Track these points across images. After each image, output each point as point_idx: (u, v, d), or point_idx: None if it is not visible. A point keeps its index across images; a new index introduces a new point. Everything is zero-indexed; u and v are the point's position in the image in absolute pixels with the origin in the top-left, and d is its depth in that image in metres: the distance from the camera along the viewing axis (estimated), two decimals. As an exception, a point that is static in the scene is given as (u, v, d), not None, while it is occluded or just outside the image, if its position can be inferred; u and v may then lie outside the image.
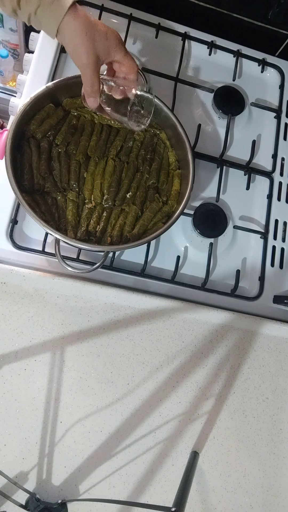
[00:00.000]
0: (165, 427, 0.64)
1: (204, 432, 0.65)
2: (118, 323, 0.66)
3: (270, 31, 0.89)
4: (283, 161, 0.83)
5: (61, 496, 0.58)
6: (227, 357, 0.69)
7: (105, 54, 0.55)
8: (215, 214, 0.73)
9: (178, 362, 0.67)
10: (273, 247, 0.77)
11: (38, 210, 0.61)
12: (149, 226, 0.66)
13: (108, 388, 0.63)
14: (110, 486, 0.60)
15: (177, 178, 0.69)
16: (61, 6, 0.50)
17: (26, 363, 0.62)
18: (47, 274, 0.65)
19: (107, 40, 0.54)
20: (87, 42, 0.52)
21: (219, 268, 0.75)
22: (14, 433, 0.59)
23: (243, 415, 0.67)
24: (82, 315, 0.66)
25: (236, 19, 0.88)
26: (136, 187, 0.67)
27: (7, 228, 0.67)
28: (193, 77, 0.83)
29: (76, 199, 0.65)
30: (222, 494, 0.64)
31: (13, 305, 0.64)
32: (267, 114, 0.85)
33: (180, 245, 0.74)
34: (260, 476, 0.66)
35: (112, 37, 0.54)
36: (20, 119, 0.62)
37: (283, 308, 0.75)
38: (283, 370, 0.71)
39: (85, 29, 0.52)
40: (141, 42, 0.82)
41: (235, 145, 0.82)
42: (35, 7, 0.50)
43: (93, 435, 0.61)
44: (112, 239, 0.64)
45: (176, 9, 0.85)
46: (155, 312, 0.68)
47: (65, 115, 0.68)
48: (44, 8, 0.50)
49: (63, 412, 0.61)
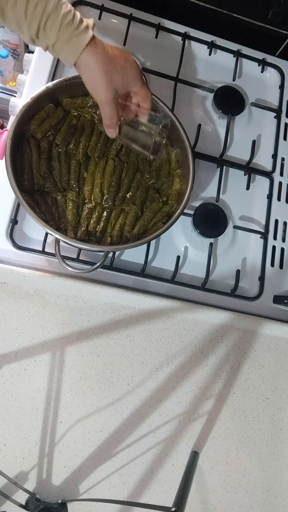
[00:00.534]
0: (165, 427, 0.64)
1: (204, 432, 0.65)
2: (118, 323, 0.66)
3: (270, 31, 0.89)
4: (283, 161, 0.83)
5: (61, 496, 0.58)
6: (227, 357, 0.69)
7: (123, 88, 0.55)
8: (215, 214, 0.73)
9: (178, 362, 0.67)
10: (273, 247, 0.77)
11: (38, 210, 0.61)
12: (149, 226, 0.66)
13: (108, 388, 0.63)
14: (110, 486, 0.60)
15: (177, 178, 0.69)
16: (79, 43, 0.50)
17: (26, 363, 0.62)
18: (47, 274, 0.65)
19: (125, 76, 0.54)
20: (106, 80, 0.53)
21: (219, 268, 0.75)
22: (14, 433, 0.59)
23: (243, 415, 0.67)
24: (82, 315, 0.66)
25: (236, 19, 0.88)
26: (136, 187, 0.67)
27: (7, 228, 0.67)
28: (193, 77, 0.83)
29: (76, 199, 0.65)
30: (222, 494, 0.64)
31: (13, 305, 0.64)
32: (267, 114, 0.85)
33: (180, 245, 0.74)
34: (260, 476, 0.66)
35: (131, 71, 0.55)
36: (20, 119, 0.62)
37: (283, 308, 0.75)
38: (283, 370, 0.71)
39: (103, 66, 0.52)
40: (141, 42, 0.82)
41: (235, 145, 0.82)
42: (53, 41, 0.50)
43: (93, 435, 0.61)
44: (112, 239, 0.64)
45: (176, 9, 0.85)
46: (155, 312, 0.68)
47: (65, 115, 0.68)
48: (63, 43, 0.50)
49: (63, 412, 0.61)
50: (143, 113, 0.61)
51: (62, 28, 0.49)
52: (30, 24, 0.49)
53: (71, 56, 0.51)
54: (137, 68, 0.56)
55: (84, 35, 0.50)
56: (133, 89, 0.57)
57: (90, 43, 0.51)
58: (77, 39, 0.50)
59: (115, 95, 0.55)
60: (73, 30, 0.50)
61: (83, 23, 0.51)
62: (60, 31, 0.49)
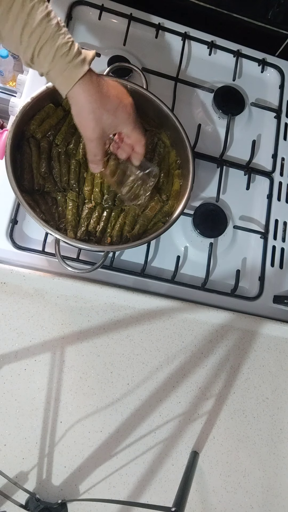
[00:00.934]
0: (165, 427, 0.64)
1: (204, 432, 0.65)
2: (118, 323, 0.66)
3: (270, 31, 0.89)
4: (283, 161, 0.83)
5: (61, 496, 0.58)
6: (227, 357, 0.69)
7: (111, 129, 0.54)
8: (215, 214, 0.73)
9: (178, 362, 0.67)
10: (273, 247, 0.77)
11: (38, 210, 0.61)
12: (149, 226, 0.66)
13: (108, 388, 0.63)
14: (110, 486, 0.60)
15: (177, 178, 0.69)
16: (72, 77, 0.49)
17: (26, 363, 0.62)
18: (47, 274, 0.65)
19: (116, 118, 0.53)
20: (93, 119, 0.52)
21: (219, 268, 0.75)
22: (14, 433, 0.59)
23: (243, 415, 0.67)
24: (82, 315, 0.66)
25: (236, 19, 0.88)
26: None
27: (7, 228, 0.67)
28: (193, 77, 0.83)
29: (76, 199, 0.65)
30: (222, 494, 0.64)
31: (13, 305, 0.64)
32: (267, 114, 0.85)
33: (180, 245, 0.74)
34: (260, 476, 0.66)
35: (122, 114, 0.53)
36: (20, 119, 0.62)
37: (283, 308, 0.75)
38: (283, 370, 0.71)
39: (93, 104, 0.51)
40: (141, 42, 0.82)
41: (235, 145, 0.82)
42: (46, 70, 0.49)
43: (93, 435, 0.61)
44: (112, 239, 0.64)
45: (176, 9, 0.85)
46: (155, 312, 0.68)
47: (65, 115, 0.68)
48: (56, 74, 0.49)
49: (63, 412, 0.61)
50: (135, 158, 0.60)
51: (56, 59, 0.48)
52: (25, 50, 0.48)
53: (63, 88, 0.50)
54: (129, 112, 0.54)
55: (78, 69, 0.49)
56: (123, 131, 0.56)
57: (84, 78, 0.49)
58: (70, 72, 0.49)
59: (102, 134, 0.53)
60: (67, 62, 0.48)
61: (80, 56, 0.49)
62: (54, 61, 0.48)
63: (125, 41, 0.80)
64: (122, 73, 0.74)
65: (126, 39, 0.80)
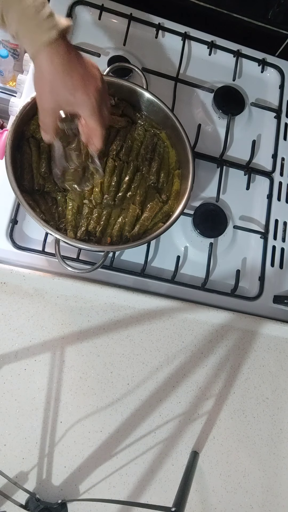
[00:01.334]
0: (165, 427, 0.64)
1: (204, 432, 0.65)
2: (118, 323, 0.66)
3: (270, 31, 0.89)
4: (283, 161, 0.83)
5: (61, 496, 0.58)
6: (227, 357, 0.69)
7: (67, 107, 0.52)
8: (215, 214, 0.73)
9: (178, 362, 0.67)
10: (273, 247, 0.77)
11: (38, 210, 0.61)
12: (149, 226, 0.66)
13: (108, 388, 0.63)
14: (110, 486, 0.60)
15: (177, 178, 0.69)
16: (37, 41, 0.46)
17: (26, 363, 0.62)
18: (47, 274, 0.65)
19: (73, 97, 0.50)
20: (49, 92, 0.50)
21: (219, 268, 0.75)
22: (14, 433, 0.59)
23: (243, 415, 0.67)
24: (82, 315, 0.66)
25: (236, 19, 0.88)
26: (136, 187, 0.67)
27: (7, 228, 0.67)
28: (193, 77, 0.83)
29: (76, 199, 0.65)
30: (222, 494, 0.64)
31: (13, 305, 0.64)
32: (267, 114, 0.85)
33: (180, 245, 0.74)
34: (260, 476, 0.66)
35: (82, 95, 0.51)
36: (20, 119, 0.62)
37: (283, 308, 0.75)
38: (283, 370, 0.71)
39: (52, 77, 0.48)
40: (141, 42, 0.82)
41: (235, 145, 0.82)
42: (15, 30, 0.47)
43: (93, 435, 0.61)
44: (112, 239, 0.64)
45: (176, 9, 0.85)
46: (155, 312, 0.68)
47: (65, 115, 0.68)
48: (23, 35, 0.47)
49: (63, 412, 0.61)
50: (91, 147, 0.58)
51: (23, 20, 0.46)
52: None
53: (28, 50, 0.48)
54: (91, 96, 0.51)
55: (44, 34, 0.46)
56: (81, 114, 0.53)
57: (51, 46, 0.47)
58: (36, 35, 0.46)
59: (55, 107, 0.52)
60: (34, 25, 0.46)
61: (51, 22, 0.46)
62: (21, 22, 0.46)
63: (125, 41, 0.80)
64: (122, 73, 0.74)
65: (126, 39, 0.80)
